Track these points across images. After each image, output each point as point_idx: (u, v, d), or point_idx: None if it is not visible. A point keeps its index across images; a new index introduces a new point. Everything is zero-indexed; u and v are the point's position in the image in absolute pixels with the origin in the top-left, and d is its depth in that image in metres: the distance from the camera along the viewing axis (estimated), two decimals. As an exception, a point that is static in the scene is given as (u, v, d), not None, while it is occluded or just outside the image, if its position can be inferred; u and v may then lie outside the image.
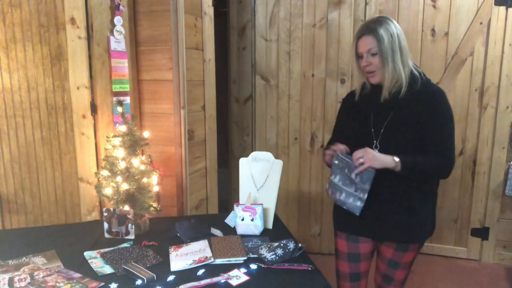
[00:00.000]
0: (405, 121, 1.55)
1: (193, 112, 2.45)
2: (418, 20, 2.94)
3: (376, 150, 1.55)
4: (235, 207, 1.86)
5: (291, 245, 1.57)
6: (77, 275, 1.45)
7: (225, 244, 1.67)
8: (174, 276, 1.44)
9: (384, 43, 1.50)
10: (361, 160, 1.49)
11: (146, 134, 2.05)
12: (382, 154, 1.51)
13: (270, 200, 1.93)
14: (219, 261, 1.54)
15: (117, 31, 2.19)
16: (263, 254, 1.55)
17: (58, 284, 1.38)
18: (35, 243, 1.73)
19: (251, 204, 1.86)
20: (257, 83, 3.24)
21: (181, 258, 1.57)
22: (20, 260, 1.57)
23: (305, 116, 3.15)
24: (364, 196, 1.54)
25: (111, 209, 1.82)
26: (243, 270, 1.47)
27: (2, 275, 1.45)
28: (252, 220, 1.82)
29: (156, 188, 2.06)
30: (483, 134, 2.97)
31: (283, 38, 3.11)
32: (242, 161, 1.99)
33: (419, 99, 1.54)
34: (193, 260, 1.54)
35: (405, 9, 2.95)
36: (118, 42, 2.21)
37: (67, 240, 1.78)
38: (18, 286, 1.38)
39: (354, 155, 1.52)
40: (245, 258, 1.55)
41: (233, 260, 1.54)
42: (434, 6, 2.90)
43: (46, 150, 2.35)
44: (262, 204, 1.86)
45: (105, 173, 1.89)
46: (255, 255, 1.57)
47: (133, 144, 1.92)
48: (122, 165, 1.87)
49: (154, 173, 2.01)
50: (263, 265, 1.51)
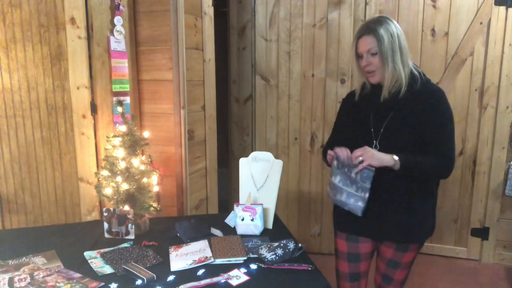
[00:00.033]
0: (405, 121, 1.55)
1: (193, 112, 2.45)
2: (418, 20, 2.94)
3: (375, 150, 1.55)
4: (235, 207, 1.86)
5: (291, 245, 1.57)
6: (77, 275, 1.45)
7: (225, 244, 1.67)
8: (174, 276, 1.44)
9: (384, 43, 1.50)
10: (360, 158, 1.49)
11: (146, 134, 2.05)
12: (381, 152, 1.51)
13: (270, 200, 1.93)
14: (219, 261, 1.54)
15: (117, 31, 2.19)
16: (263, 254, 1.55)
17: (58, 284, 1.38)
18: (35, 243, 1.73)
19: (251, 204, 1.86)
20: (257, 83, 3.24)
21: (181, 258, 1.57)
22: (20, 260, 1.57)
23: (305, 116, 3.15)
24: (366, 195, 1.53)
25: (111, 209, 1.82)
26: (243, 270, 1.47)
27: (2, 275, 1.45)
28: (252, 220, 1.82)
29: (156, 188, 2.05)
30: (483, 134, 2.97)
31: (283, 38, 3.11)
32: (242, 161, 1.99)
33: (419, 99, 1.54)
34: (193, 260, 1.54)
35: (405, 9, 2.95)
36: (118, 42, 2.21)
37: (67, 240, 1.78)
38: (18, 286, 1.38)
39: (353, 153, 1.52)
40: (245, 258, 1.55)
41: (233, 260, 1.54)
42: (434, 6, 2.90)
43: (46, 150, 2.35)
44: (262, 204, 1.86)
45: (105, 173, 1.89)
46: (255, 255, 1.57)
47: (133, 144, 1.91)
48: (122, 165, 1.87)
49: (154, 173, 2.01)
50: (263, 265, 1.51)
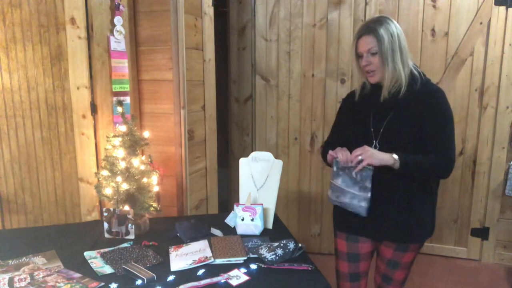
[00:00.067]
0: (404, 121, 1.55)
1: (193, 112, 2.45)
2: (418, 20, 2.94)
3: (375, 150, 1.55)
4: (235, 207, 1.86)
5: (291, 245, 1.57)
6: (77, 275, 1.45)
7: (225, 244, 1.67)
8: (174, 276, 1.44)
9: (384, 43, 1.50)
10: (360, 157, 1.49)
11: (146, 134, 2.05)
12: (380, 151, 1.51)
13: (270, 200, 1.93)
14: (219, 261, 1.54)
15: (117, 31, 2.19)
16: (263, 254, 1.55)
17: (58, 284, 1.38)
18: (35, 243, 1.73)
19: (251, 204, 1.86)
20: (257, 83, 3.24)
21: (181, 258, 1.57)
22: (20, 260, 1.57)
23: (305, 116, 3.15)
24: (368, 195, 1.53)
25: (111, 209, 1.82)
26: (243, 270, 1.47)
27: (2, 275, 1.45)
28: (252, 220, 1.82)
29: (156, 188, 2.05)
30: (483, 134, 2.97)
31: (283, 38, 3.11)
32: (242, 161, 1.99)
33: (419, 99, 1.54)
34: (193, 260, 1.54)
35: (405, 9, 2.95)
36: (118, 42, 2.21)
37: (67, 240, 1.78)
38: (18, 286, 1.38)
39: (352, 153, 1.52)
40: (245, 258, 1.55)
41: (233, 260, 1.54)
42: (434, 6, 2.90)
43: (46, 150, 2.35)
44: (262, 204, 1.86)
45: (105, 173, 1.89)
46: (255, 255, 1.57)
47: (133, 144, 1.91)
48: (122, 165, 1.87)
49: (154, 173, 2.01)
50: (263, 265, 1.51)
